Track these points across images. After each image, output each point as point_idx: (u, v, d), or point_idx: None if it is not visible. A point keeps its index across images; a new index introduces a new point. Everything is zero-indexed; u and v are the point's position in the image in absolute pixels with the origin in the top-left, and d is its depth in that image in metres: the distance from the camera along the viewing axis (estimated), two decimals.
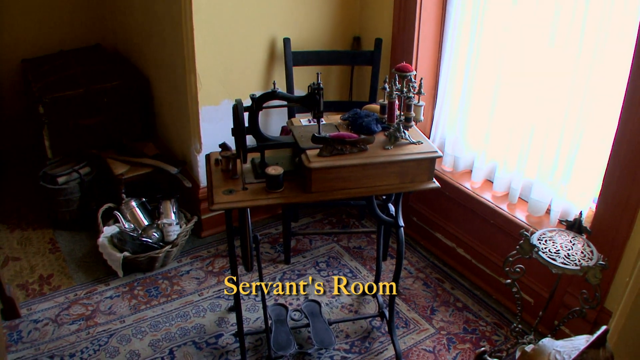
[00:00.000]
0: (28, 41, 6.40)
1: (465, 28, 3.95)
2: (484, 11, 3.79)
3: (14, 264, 4.61)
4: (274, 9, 4.31)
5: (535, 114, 3.60)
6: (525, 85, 3.65)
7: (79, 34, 6.55)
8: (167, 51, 4.67)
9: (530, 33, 3.55)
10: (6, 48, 6.33)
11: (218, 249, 4.62)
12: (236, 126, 2.89)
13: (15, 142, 6.42)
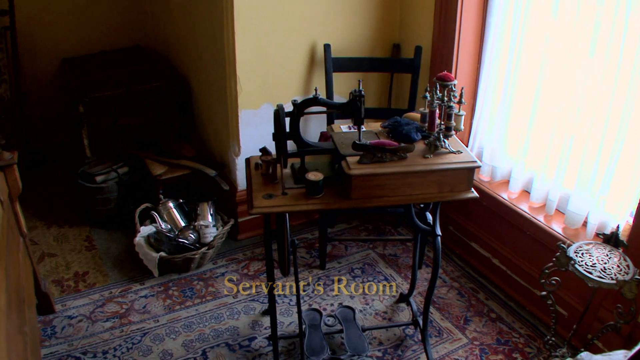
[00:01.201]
0: (68, 41, 6.48)
1: (505, 37, 3.95)
2: (524, 21, 3.79)
3: (50, 260, 4.69)
4: (315, 14, 4.34)
5: (575, 124, 3.59)
6: (565, 95, 3.64)
7: (119, 34, 6.61)
8: (208, 54, 4.71)
9: (570, 43, 3.54)
10: (47, 47, 6.41)
11: (254, 252, 4.65)
12: (277, 131, 2.92)
13: (54, 140, 6.50)
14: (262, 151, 3.13)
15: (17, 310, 2.96)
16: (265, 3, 4.11)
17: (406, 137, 3.07)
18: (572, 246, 3.08)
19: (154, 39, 6.57)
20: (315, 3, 4.29)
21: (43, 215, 5.30)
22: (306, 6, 4.27)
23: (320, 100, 2.96)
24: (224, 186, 4.67)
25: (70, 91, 5.52)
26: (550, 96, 3.74)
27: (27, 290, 3.48)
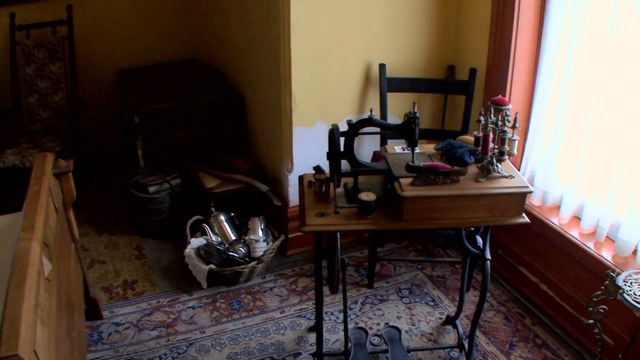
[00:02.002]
0: (125, 52, 6.61)
1: (560, 61, 3.93)
2: (579, 46, 3.78)
3: (99, 266, 4.79)
4: (372, 34, 4.37)
5: (628, 151, 3.55)
6: (618, 121, 3.62)
7: (175, 47, 6.72)
8: (264, 70, 4.78)
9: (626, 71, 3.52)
10: (103, 57, 6.54)
11: (302, 268, 4.68)
12: (332, 150, 2.96)
13: (109, 149, 6.62)
14: (316, 169, 3.16)
15: (67, 315, 3.03)
16: (322, 22, 4.16)
17: (459, 160, 3.08)
18: (621, 275, 3.07)
19: (210, 53, 6.66)
20: (371, 23, 4.32)
21: (95, 223, 5.42)
22: (363, 25, 4.31)
23: (375, 121, 2.99)
24: (275, 202, 4.73)
25: (126, 102, 5.62)
26: (603, 122, 3.72)
27: (76, 296, 3.56)
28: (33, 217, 2.79)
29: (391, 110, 4.50)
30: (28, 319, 2.10)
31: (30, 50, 6.08)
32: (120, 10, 6.54)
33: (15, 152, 5.51)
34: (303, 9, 4.06)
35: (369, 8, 4.26)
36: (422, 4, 4.40)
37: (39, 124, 6.12)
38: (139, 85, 5.83)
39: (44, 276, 2.58)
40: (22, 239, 2.59)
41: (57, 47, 6.06)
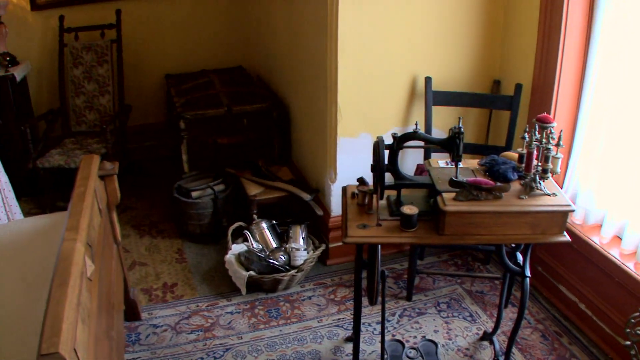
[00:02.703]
0: (172, 57, 6.73)
1: (606, 81, 3.93)
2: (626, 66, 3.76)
3: (140, 268, 4.88)
4: (418, 47, 4.39)
5: None
6: None
7: (222, 54, 6.82)
8: (309, 80, 4.83)
9: None
10: (150, 62, 6.67)
11: (342, 278, 4.70)
12: (376, 163, 3.00)
13: (154, 153, 6.72)
14: (360, 181, 3.21)
15: (107, 315, 3.10)
16: (369, 33, 4.20)
17: (502, 176, 3.10)
18: None
19: (256, 61, 6.73)
20: (418, 36, 4.35)
21: (137, 225, 5.53)
22: (409, 38, 4.33)
23: (420, 135, 3.03)
24: (317, 211, 4.77)
25: (172, 107, 5.71)
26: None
27: (117, 296, 3.64)
28: (78, 218, 2.85)
29: (436, 124, 4.52)
30: (70, 318, 2.15)
31: (78, 53, 6.20)
32: (168, 16, 6.66)
33: (61, 152, 5.63)
34: (351, 20, 4.10)
35: (416, 21, 4.29)
36: (469, 18, 4.41)
37: (84, 125, 6.24)
38: (185, 90, 5.93)
39: (87, 276, 2.65)
40: (66, 239, 2.66)
41: (105, 50, 6.18)
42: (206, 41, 6.86)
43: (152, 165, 6.71)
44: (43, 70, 6.60)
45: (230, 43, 6.91)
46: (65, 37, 6.25)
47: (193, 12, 6.73)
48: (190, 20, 6.75)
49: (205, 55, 6.86)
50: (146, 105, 6.86)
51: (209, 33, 6.83)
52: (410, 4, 4.20)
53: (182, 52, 6.84)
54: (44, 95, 6.68)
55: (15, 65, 6.06)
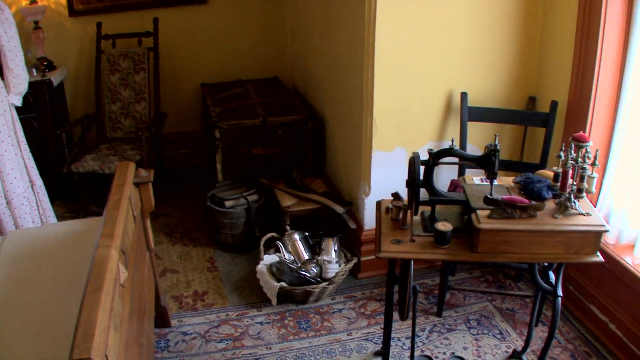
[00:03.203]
0: (208, 66, 6.82)
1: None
2: None
3: (171, 275, 4.94)
4: (454, 62, 4.41)
5: None
6: None
7: (258, 64, 6.88)
8: (345, 93, 4.86)
9: None
10: (187, 71, 6.75)
11: (373, 292, 4.70)
12: (411, 179, 3.03)
13: (189, 161, 6.81)
14: (394, 196, 3.23)
15: (138, 321, 3.15)
16: (405, 48, 4.23)
17: (537, 194, 3.11)
18: None
19: (292, 72, 6.79)
20: (455, 51, 4.37)
21: (170, 232, 5.60)
22: (445, 53, 4.35)
23: (455, 152, 3.06)
24: (350, 224, 4.79)
25: (207, 116, 5.76)
26: None
27: (148, 303, 3.69)
28: (113, 225, 2.90)
29: (471, 139, 4.52)
30: (102, 324, 2.19)
31: (115, 59, 6.29)
32: (205, 26, 6.74)
33: (95, 158, 5.70)
34: (388, 34, 4.13)
35: (452, 36, 4.31)
36: (506, 34, 4.42)
37: (120, 132, 6.32)
38: (221, 100, 5.99)
39: (120, 283, 2.69)
40: (101, 246, 2.70)
41: (142, 58, 6.26)
42: (243, 51, 6.92)
43: (186, 173, 6.79)
44: (80, 76, 6.70)
45: (266, 53, 6.98)
46: (102, 43, 6.34)
47: (230, 22, 6.80)
48: (227, 29, 6.83)
49: (241, 65, 6.94)
50: (182, 113, 6.94)
51: (246, 43, 6.90)
52: (447, 19, 4.22)
53: (218, 61, 6.92)
54: (80, 101, 6.77)
55: (52, 70, 6.15)
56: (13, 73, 4.71)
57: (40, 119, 5.91)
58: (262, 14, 6.83)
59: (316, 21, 5.62)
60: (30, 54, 6.16)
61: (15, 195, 4.73)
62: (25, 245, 3.87)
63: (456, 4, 4.19)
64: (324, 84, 5.56)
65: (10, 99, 4.74)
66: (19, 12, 6.18)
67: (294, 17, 6.57)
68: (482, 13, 4.28)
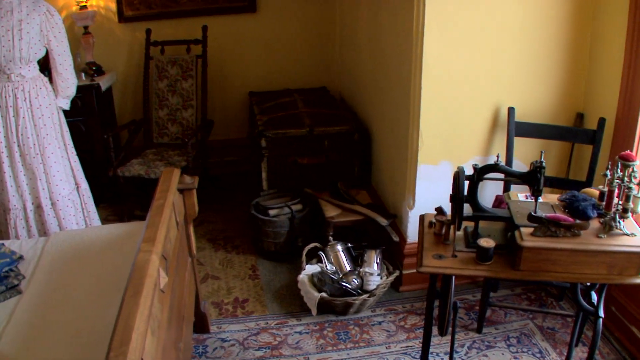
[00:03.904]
0: (256, 75, 6.90)
1: None
2: None
3: (212, 282, 5.00)
4: (502, 76, 4.40)
5: None
6: None
7: (306, 74, 6.92)
8: (392, 105, 4.88)
9: None
10: (235, 78, 6.83)
11: (413, 305, 4.70)
12: (455, 194, 3.04)
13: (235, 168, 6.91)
14: (438, 210, 3.25)
15: (176, 326, 3.20)
16: (454, 61, 4.24)
17: (582, 213, 3.09)
18: None
19: (340, 82, 6.82)
20: (503, 65, 4.36)
21: (213, 239, 5.67)
22: (494, 67, 4.35)
23: (500, 168, 3.06)
24: (393, 237, 4.79)
25: (254, 124, 5.81)
26: None
27: (187, 308, 3.74)
28: (155, 230, 2.95)
29: (517, 155, 4.50)
30: (140, 328, 2.23)
31: (164, 66, 6.38)
32: (254, 34, 6.81)
33: (141, 162, 5.79)
34: (436, 47, 4.15)
35: (501, 50, 4.31)
36: (555, 50, 4.40)
37: (166, 137, 6.40)
38: (268, 109, 6.05)
39: (159, 288, 2.74)
40: (142, 251, 2.75)
41: (190, 65, 6.34)
42: (291, 60, 6.99)
43: (231, 180, 6.87)
44: (128, 81, 6.81)
45: (315, 63, 7.04)
46: (151, 50, 6.44)
47: (279, 31, 6.86)
48: (276, 38, 6.90)
49: (289, 75, 7.00)
50: (228, 120, 7.01)
51: (295, 52, 6.96)
52: (496, 32, 4.22)
53: (266, 70, 6.99)
54: (127, 106, 6.88)
55: (101, 75, 6.27)
56: (62, 77, 4.82)
57: (88, 122, 6.02)
58: (311, 24, 6.89)
59: (364, 32, 5.66)
60: (79, 59, 6.28)
61: (60, 197, 4.83)
62: (68, 246, 3.96)
63: (505, 19, 4.19)
64: (371, 95, 5.59)
65: (58, 102, 4.85)
66: (69, 17, 6.31)
67: (343, 28, 6.61)
68: (531, 28, 4.27)
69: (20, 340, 3.05)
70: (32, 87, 4.65)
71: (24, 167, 4.71)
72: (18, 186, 4.73)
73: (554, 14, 4.25)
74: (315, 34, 6.93)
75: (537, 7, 4.20)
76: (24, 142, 4.65)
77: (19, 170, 4.70)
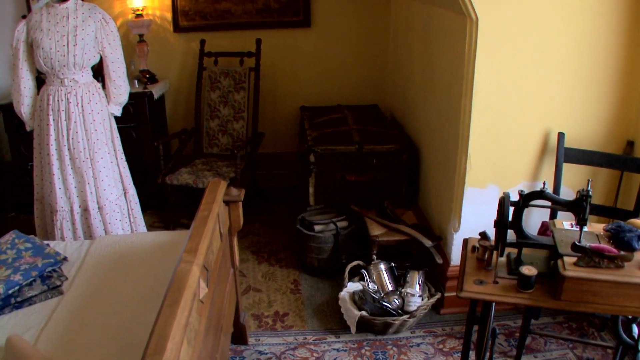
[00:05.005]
0: (308, 90, 6.98)
1: None
2: None
3: (254, 294, 5.05)
4: (552, 102, 4.37)
5: None
6: None
7: (358, 91, 6.98)
8: (442, 126, 4.89)
9: None
10: (287, 92, 6.92)
11: (453, 329, 4.67)
12: (500, 220, 3.05)
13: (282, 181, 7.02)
14: (481, 235, 3.25)
15: (214, 337, 3.24)
16: (504, 84, 4.23)
17: (627, 244, 3.06)
18: None
19: (391, 101, 6.86)
20: (552, 90, 4.33)
21: (257, 251, 5.72)
22: (544, 92, 4.32)
23: (546, 195, 3.06)
24: (437, 259, 4.78)
25: (304, 139, 5.86)
26: None
27: (226, 319, 3.78)
28: (198, 241, 2.99)
29: (565, 181, 4.49)
30: (176, 337, 2.26)
31: (216, 77, 6.47)
32: (307, 49, 6.88)
33: (190, 172, 5.86)
34: (487, 70, 4.16)
35: (552, 75, 4.28)
36: (606, 76, 4.37)
37: (216, 148, 6.49)
38: (318, 124, 6.10)
39: (199, 298, 2.78)
40: (183, 261, 2.79)
41: (243, 77, 6.42)
42: (343, 76, 7.05)
43: (279, 193, 6.93)
44: (180, 90, 6.92)
45: (367, 80, 7.07)
46: (205, 60, 6.53)
47: (333, 47, 6.93)
48: (329, 54, 6.96)
49: (341, 90, 7.05)
50: (278, 134, 7.09)
51: (347, 69, 7.01)
52: (547, 58, 4.21)
53: (318, 85, 7.06)
54: (179, 114, 6.99)
55: (153, 83, 6.39)
56: (114, 84, 4.92)
57: (139, 129, 6.12)
58: (365, 41, 6.94)
59: (417, 53, 5.68)
60: (133, 66, 6.40)
61: (107, 202, 4.92)
62: (112, 251, 4.05)
63: (556, 45, 4.18)
64: (421, 115, 5.60)
65: (110, 109, 4.95)
66: (125, 24, 6.45)
67: (396, 47, 6.64)
68: (582, 54, 4.25)
69: (58, 341, 3.13)
70: (85, 92, 4.75)
71: (73, 171, 4.81)
72: (66, 189, 4.83)
73: (605, 40, 4.23)
74: (368, 52, 6.97)
75: (589, 34, 4.19)
76: (74, 146, 4.74)
77: (68, 173, 4.79)
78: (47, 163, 4.79)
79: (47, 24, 4.58)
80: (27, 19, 4.68)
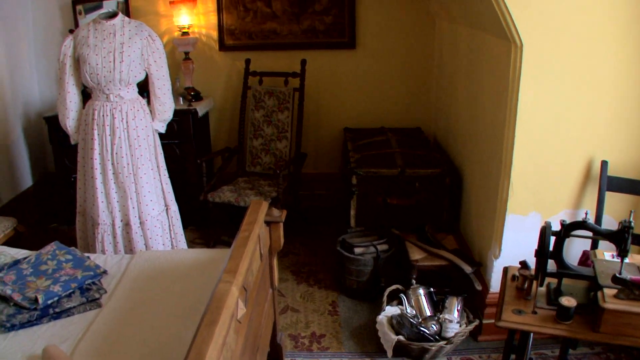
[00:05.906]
0: (351, 111, 7.02)
1: None
2: None
3: (291, 314, 5.06)
4: (596, 129, 4.32)
5: None
6: None
7: (402, 113, 6.99)
8: (485, 152, 4.89)
9: None
10: (330, 113, 6.95)
11: (490, 356, 4.62)
12: (540, 249, 3.04)
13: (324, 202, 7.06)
14: (522, 264, 3.25)
15: (250, 355, 3.25)
16: (548, 111, 4.21)
17: None
18: None
19: (434, 124, 6.85)
20: (596, 118, 4.29)
21: (296, 271, 5.74)
22: (587, 120, 4.28)
23: (588, 226, 3.05)
24: (477, 285, 4.75)
25: (347, 160, 5.87)
26: None
27: (263, 338, 3.78)
28: (238, 262, 3.00)
29: (608, 210, 4.43)
30: (212, 357, 2.27)
31: (261, 96, 6.53)
32: (351, 71, 6.93)
33: (232, 190, 5.91)
34: (531, 97, 4.15)
35: (596, 102, 4.24)
36: None
37: (259, 167, 6.53)
38: (361, 146, 6.10)
39: (236, 318, 2.80)
40: (223, 281, 2.81)
41: (287, 97, 6.46)
42: (387, 99, 7.06)
43: (320, 213, 6.95)
44: (225, 109, 6.99)
45: (411, 103, 7.08)
46: (249, 79, 6.59)
47: (377, 69, 6.95)
48: (373, 76, 6.99)
49: (385, 113, 7.07)
50: (321, 154, 7.12)
51: (391, 91, 7.03)
52: (592, 85, 4.17)
53: (362, 106, 7.08)
54: (222, 132, 7.06)
55: (198, 101, 6.47)
56: (159, 101, 4.98)
57: (183, 146, 6.18)
58: (409, 64, 6.95)
59: (461, 77, 5.68)
60: (178, 83, 6.48)
61: (149, 217, 4.97)
62: (152, 266, 4.08)
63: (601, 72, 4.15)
64: (464, 140, 5.60)
65: (154, 125, 5.01)
66: (170, 42, 6.54)
67: (441, 71, 6.64)
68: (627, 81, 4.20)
69: (94, 353, 3.16)
70: (130, 108, 4.82)
71: (116, 185, 4.87)
72: (109, 203, 4.89)
73: None
74: (413, 75, 6.98)
75: (634, 61, 4.15)
76: (118, 161, 4.81)
77: (111, 187, 4.85)
78: (91, 177, 4.86)
79: (94, 39, 4.66)
80: (75, 34, 4.76)
